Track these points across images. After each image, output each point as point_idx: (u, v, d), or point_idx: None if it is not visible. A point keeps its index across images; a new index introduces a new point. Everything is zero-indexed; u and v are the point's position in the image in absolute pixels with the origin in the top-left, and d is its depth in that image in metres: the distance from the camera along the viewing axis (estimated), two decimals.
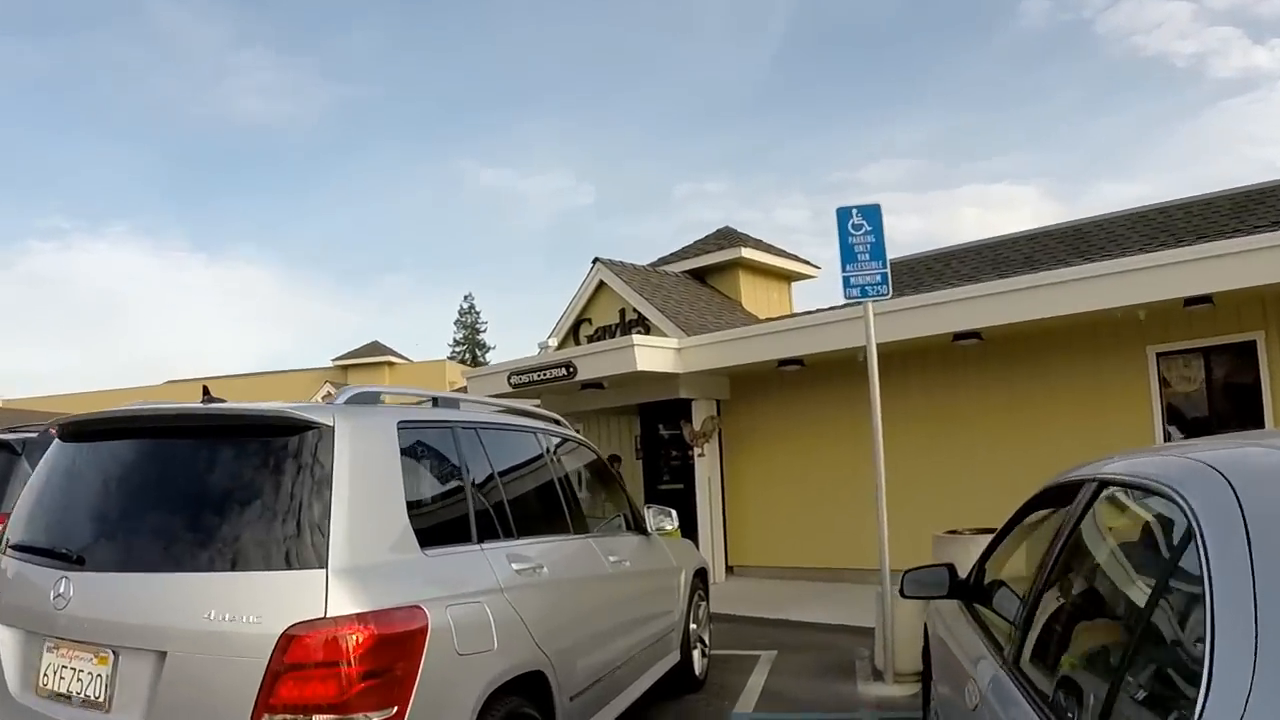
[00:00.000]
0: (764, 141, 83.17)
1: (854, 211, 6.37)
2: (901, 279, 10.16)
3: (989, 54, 68.62)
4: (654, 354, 10.84)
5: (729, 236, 15.36)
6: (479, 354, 56.22)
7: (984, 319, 8.83)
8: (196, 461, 3.06)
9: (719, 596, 8.70)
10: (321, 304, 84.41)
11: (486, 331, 59.61)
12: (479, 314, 59.27)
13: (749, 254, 14.78)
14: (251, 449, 2.98)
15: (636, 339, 10.87)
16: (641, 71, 77.86)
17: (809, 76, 75.22)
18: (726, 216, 79.62)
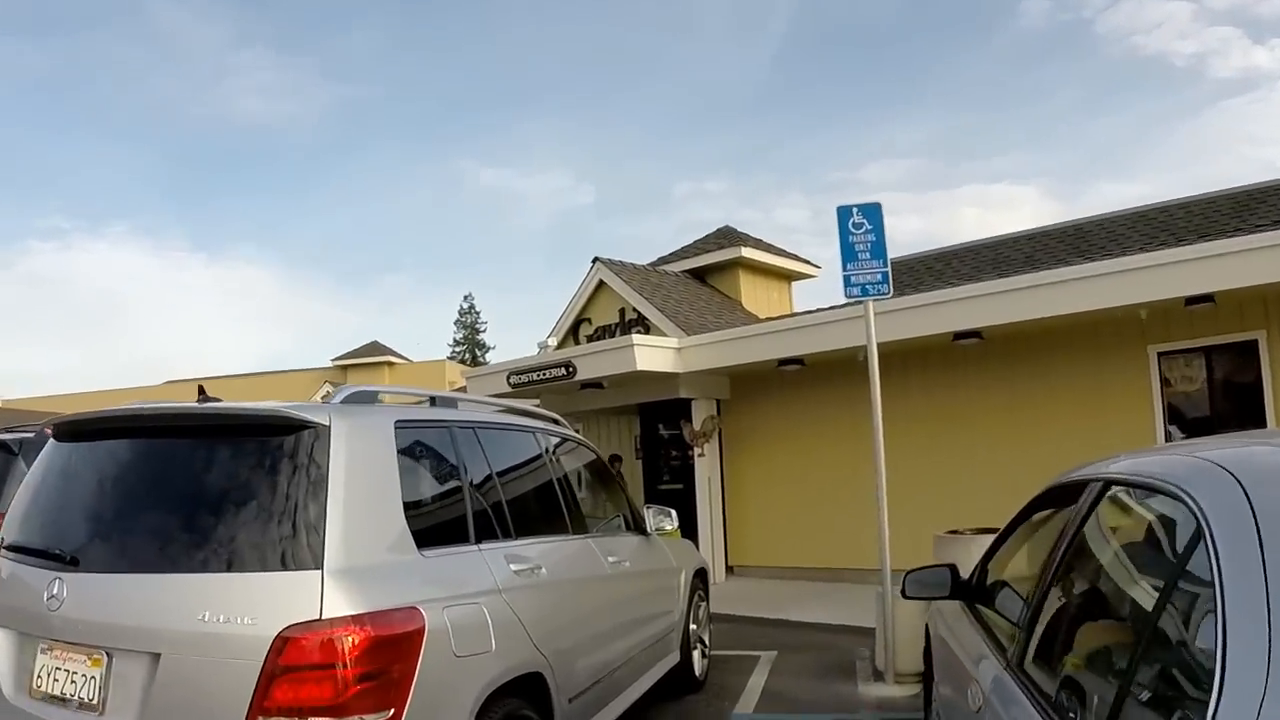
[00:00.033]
0: (764, 141, 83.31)
1: (854, 210, 6.34)
2: (901, 279, 10.14)
3: (989, 54, 68.75)
4: (654, 354, 10.81)
5: (729, 236, 15.33)
6: (479, 354, 56.17)
7: (984, 318, 8.81)
8: (191, 461, 3.03)
9: (719, 596, 8.67)
10: (321, 304, 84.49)
11: (486, 331, 59.64)
12: (479, 314, 59.29)
13: (749, 253, 14.75)
14: (247, 449, 2.95)
15: (636, 338, 10.85)
16: (641, 71, 77.96)
17: (809, 76, 75.35)
18: (726, 216, 79.71)
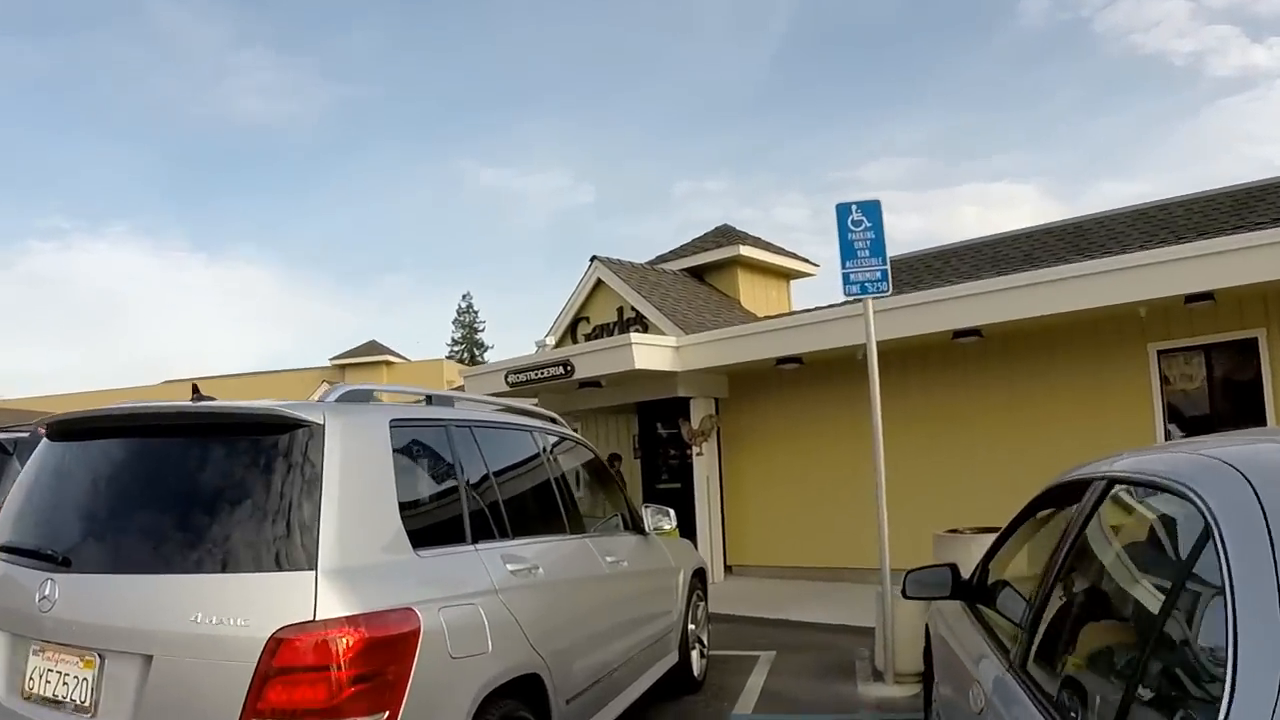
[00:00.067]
0: (764, 141, 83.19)
1: (854, 208, 6.31)
2: (900, 277, 10.11)
3: (988, 54, 68.69)
4: (652, 352, 10.78)
5: (727, 234, 15.30)
6: (477, 353, 56.08)
7: (984, 316, 8.78)
8: (184, 461, 3.01)
9: (717, 596, 8.64)
10: (321, 304, 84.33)
11: (485, 331, 59.50)
12: (477, 313, 59.17)
13: (747, 252, 14.72)
14: (240, 448, 2.93)
15: (634, 337, 10.83)
16: (641, 71, 77.82)
17: (809, 76, 75.23)
18: (726, 215, 79.62)
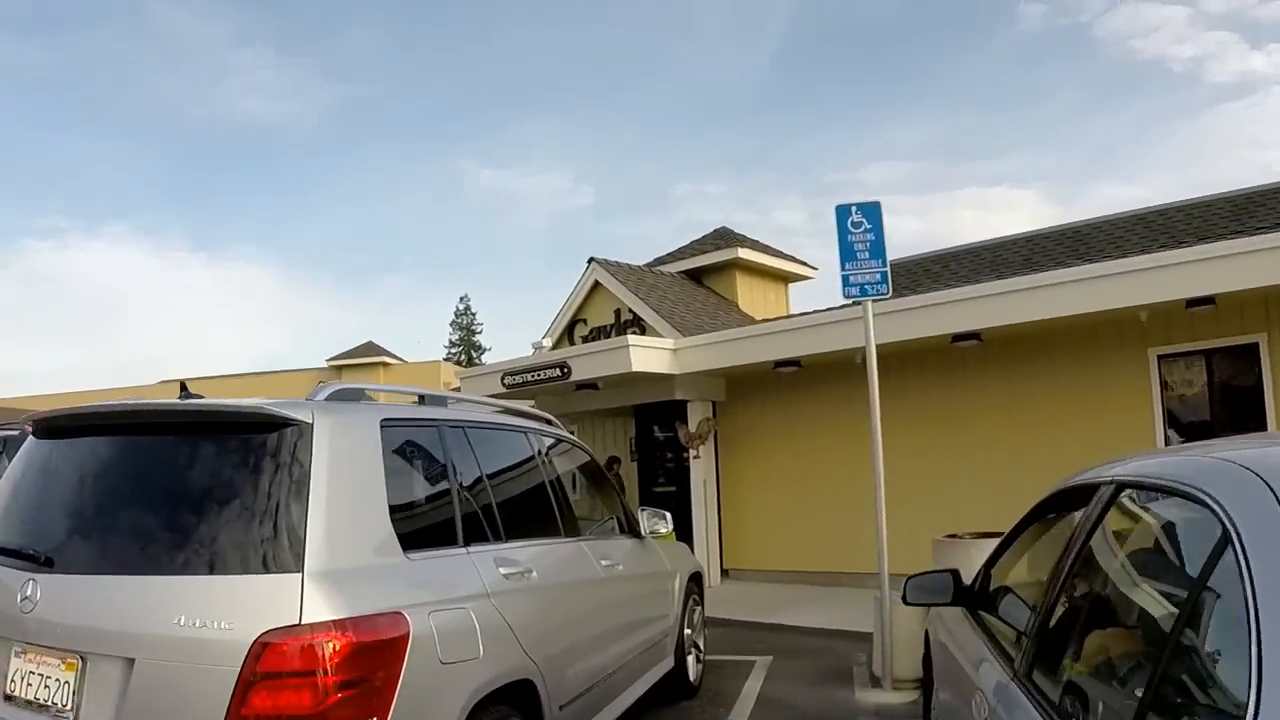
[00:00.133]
0: (763, 141, 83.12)
1: (854, 209, 6.26)
2: (899, 281, 10.03)
3: (988, 55, 68.68)
4: (649, 354, 10.73)
5: (726, 237, 15.24)
6: (475, 355, 56.03)
7: (983, 320, 8.74)
8: (170, 460, 2.96)
9: (714, 600, 8.58)
10: (321, 304, 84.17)
11: (483, 333, 59.51)
12: (475, 315, 59.17)
13: (746, 254, 14.67)
14: (228, 447, 2.88)
15: (632, 339, 10.78)
16: (641, 71, 77.73)
17: (809, 76, 75.10)
18: (724, 217, 79.57)
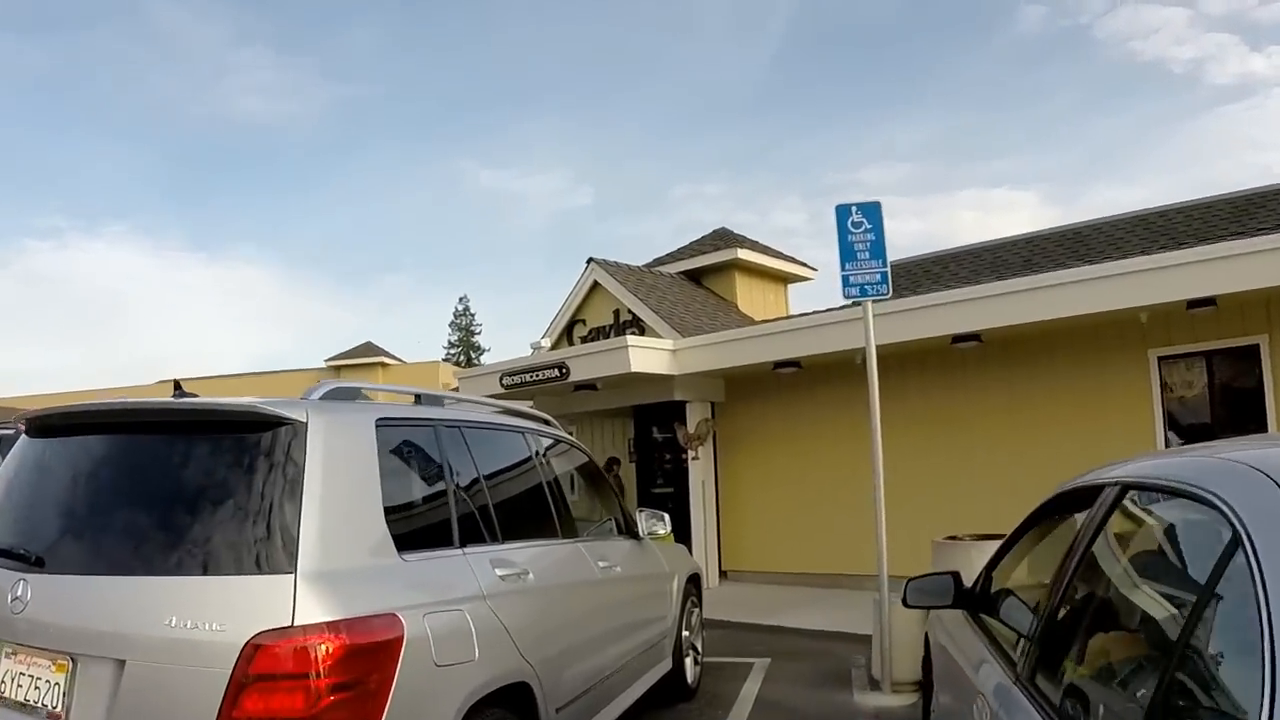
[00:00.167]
0: (763, 141, 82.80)
1: (854, 209, 6.22)
2: (899, 282, 10.00)
3: (987, 56, 68.41)
4: (648, 355, 10.69)
5: (725, 238, 15.21)
6: (474, 356, 55.96)
7: (984, 321, 8.71)
8: (163, 459, 2.93)
9: (712, 602, 8.55)
10: (321, 304, 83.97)
11: (482, 334, 59.46)
12: (474, 315, 59.12)
13: (745, 255, 14.63)
14: (221, 446, 2.85)
15: (630, 340, 10.74)
16: (641, 71, 77.48)
17: (809, 76, 74.80)
18: (724, 218, 79.33)
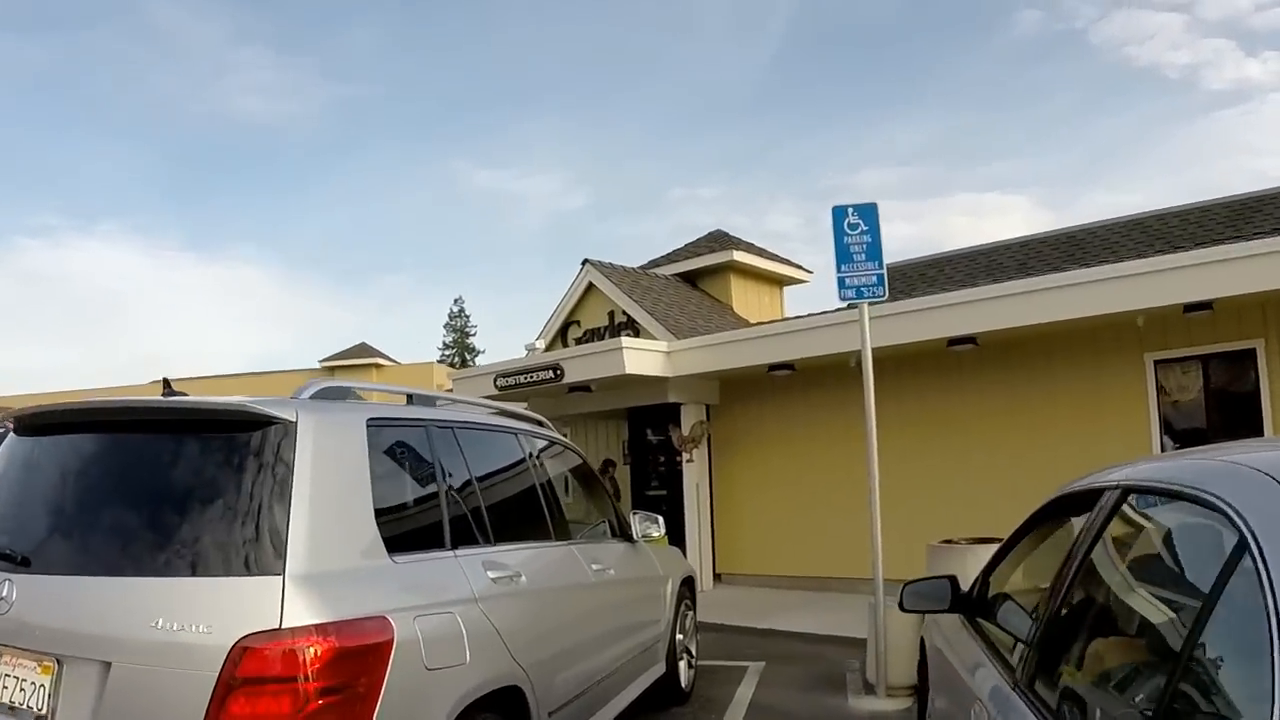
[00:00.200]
0: (760, 142, 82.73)
1: (850, 210, 6.20)
2: (894, 285, 9.97)
3: (985, 58, 68.48)
4: (643, 357, 10.66)
5: (720, 240, 15.19)
6: (468, 357, 55.89)
7: (979, 324, 8.69)
8: (152, 458, 2.89)
9: (706, 605, 8.52)
10: (321, 304, 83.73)
11: (476, 335, 59.43)
12: (468, 317, 59.09)
13: (740, 257, 14.60)
14: (210, 445, 2.82)
15: (625, 341, 10.71)
16: (641, 71, 77.48)
17: (808, 77, 74.84)
18: (719, 221, 79.38)
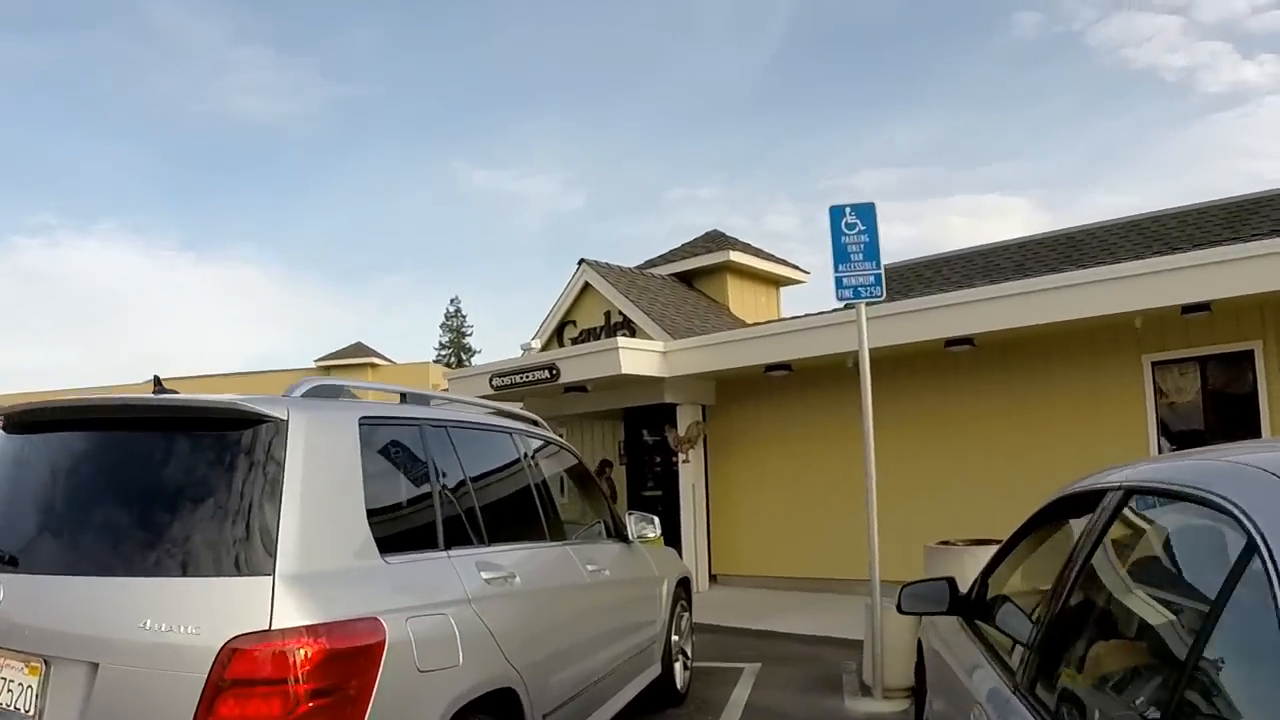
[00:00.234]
0: (760, 143, 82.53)
1: (848, 210, 6.17)
2: (891, 286, 9.97)
3: (983, 59, 68.42)
4: (639, 357, 10.63)
5: (717, 240, 15.16)
6: (464, 357, 55.85)
7: (977, 325, 8.67)
8: (142, 456, 2.87)
9: (702, 606, 8.48)
10: (320, 304, 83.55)
11: (472, 335, 59.48)
12: (465, 317, 59.11)
13: (737, 257, 14.57)
14: (201, 443, 2.79)
15: (621, 341, 10.67)
16: (641, 71, 77.31)
17: (808, 77, 74.77)
18: (717, 221, 79.59)
